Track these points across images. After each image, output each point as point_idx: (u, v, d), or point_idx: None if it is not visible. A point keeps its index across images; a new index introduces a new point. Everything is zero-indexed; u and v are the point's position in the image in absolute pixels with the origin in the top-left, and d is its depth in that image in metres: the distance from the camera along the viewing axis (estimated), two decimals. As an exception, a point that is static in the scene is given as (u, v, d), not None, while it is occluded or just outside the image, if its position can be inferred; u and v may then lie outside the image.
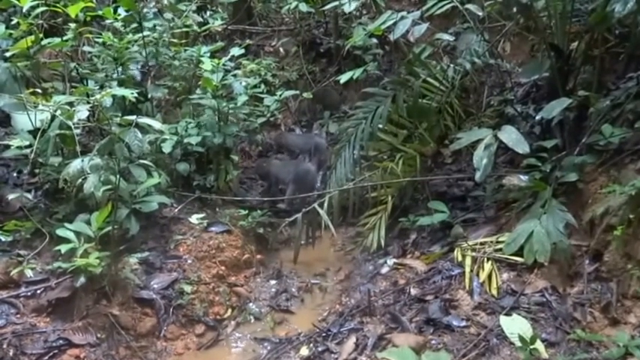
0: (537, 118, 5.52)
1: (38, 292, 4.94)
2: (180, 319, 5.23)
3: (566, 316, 4.41)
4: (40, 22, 5.78)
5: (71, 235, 4.92)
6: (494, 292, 4.72)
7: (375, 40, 8.34)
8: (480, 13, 5.87)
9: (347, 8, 6.84)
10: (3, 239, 5.27)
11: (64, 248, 4.82)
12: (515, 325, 3.77)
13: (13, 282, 4.98)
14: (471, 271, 4.95)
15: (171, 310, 5.21)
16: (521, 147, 4.74)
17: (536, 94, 6.46)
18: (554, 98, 5.20)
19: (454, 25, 7.92)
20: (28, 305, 4.83)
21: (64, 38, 5.92)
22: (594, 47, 5.60)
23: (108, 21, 6.50)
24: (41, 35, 5.70)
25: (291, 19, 10.01)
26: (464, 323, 4.54)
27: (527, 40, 7.48)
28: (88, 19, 6.30)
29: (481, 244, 5.23)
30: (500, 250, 5.03)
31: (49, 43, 5.77)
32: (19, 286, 4.97)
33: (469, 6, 5.77)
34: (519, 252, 4.88)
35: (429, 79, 6.54)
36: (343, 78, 6.83)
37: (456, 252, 5.24)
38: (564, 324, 4.35)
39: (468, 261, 5.03)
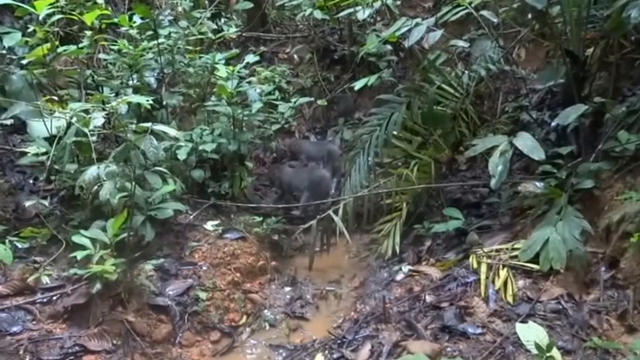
0: (553, 124, 5.48)
1: (54, 298, 4.96)
2: (195, 325, 5.24)
3: (583, 323, 4.38)
4: (56, 29, 5.82)
5: (87, 242, 4.92)
6: (510, 299, 4.70)
7: (389, 47, 8.32)
8: (495, 20, 5.84)
9: (361, 15, 6.85)
10: (19, 246, 5.28)
11: (79, 255, 4.82)
12: (532, 333, 3.74)
13: (29, 288, 5.00)
14: (487, 278, 4.92)
15: (186, 316, 5.22)
16: (537, 154, 4.69)
17: (552, 100, 6.43)
18: (570, 105, 5.17)
19: (469, 31, 7.88)
20: (44, 311, 4.85)
21: (80, 46, 5.96)
22: (610, 53, 5.56)
23: (123, 28, 6.53)
24: (57, 43, 5.74)
25: (306, 26, 10.01)
26: (479, 330, 4.51)
27: (543, 46, 7.44)
28: (104, 26, 6.34)
29: (496, 251, 5.21)
30: (516, 257, 5.01)
31: (64, 50, 5.81)
32: (35, 293, 4.99)
33: (484, 12, 5.75)
34: (535, 259, 4.86)
35: (443, 85, 6.54)
36: (357, 85, 6.84)
37: (471, 259, 5.23)
38: (581, 331, 4.32)
39: (484, 268, 5.01)
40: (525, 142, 4.76)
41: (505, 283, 4.82)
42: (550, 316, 4.50)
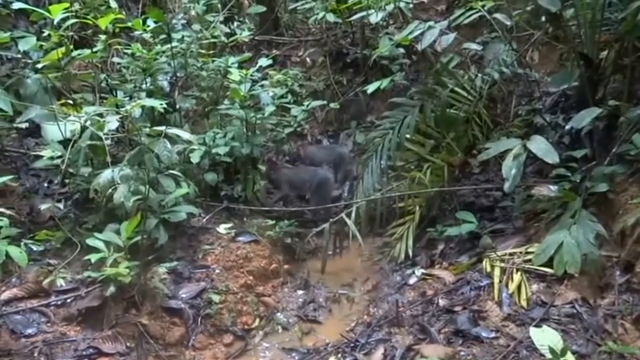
0: (567, 127, 5.48)
1: (68, 301, 5.01)
2: (208, 328, 5.23)
3: (597, 327, 4.35)
4: (71, 34, 5.85)
5: (101, 245, 4.96)
6: (524, 303, 4.67)
7: (402, 50, 8.30)
8: (508, 23, 5.82)
9: (373, 19, 6.85)
10: (34, 248, 5.34)
11: (94, 258, 4.86)
12: (546, 337, 3.73)
13: (44, 291, 5.04)
14: (500, 282, 4.90)
15: (199, 319, 5.22)
16: (551, 157, 4.66)
17: (565, 103, 6.39)
18: (584, 108, 5.14)
19: (482, 34, 7.80)
20: (58, 314, 4.89)
21: (94, 50, 6.00)
22: (624, 56, 5.51)
23: (137, 32, 6.57)
24: (71, 47, 5.77)
25: (318, 30, 10.01)
26: (493, 334, 4.49)
27: (556, 49, 7.39)
28: (118, 30, 6.39)
29: (510, 254, 5.18)
30: (530, 260, 4.98)
31: (79, 54, 5.85)
32: (49, 295, 5.04)
33: (497, 15, 5.74)
34: (549, 263, 4.83)
35: (456, 88, 6.53)
36: (370, 88, 6.81)
37: (484, 263, 5.20)
38: (595, 336, 4.29)
39: (497, 272, 4.99)
40: (539, 145, 4.73)
41: (519, 287, 4.79)
42: (564, 320, 4.47)
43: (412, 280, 5.60)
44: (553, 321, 4.46)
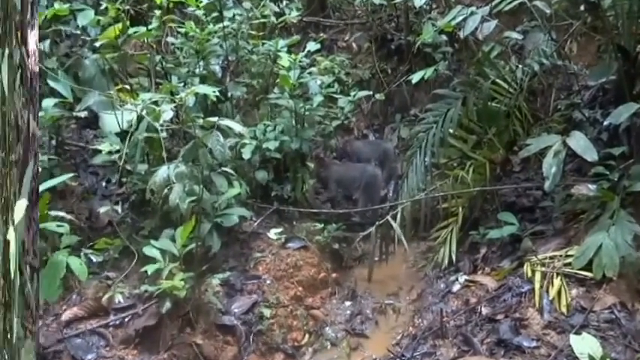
0: (605, 123, 5.45)
1: (126, 320, 5.12)
2: (260, 347, 5.26)
3: (635, 333, 4.41)
4: (127, 7, 5.97)
5: (157, 254, 5.03)
6: (564, 309, 4.72)
7: (444, 37, 8.23)
8: (548, 11, 5.78)
9: (417, 2, 6.82)
10: (93, 259, 5.34)
11: (150, 269, 4.94)
12: (585, 345, 3.84)
13: (103, 309, 5.15)
14: (541, 287, 4.93)
15: (251, 337, 5.26)
16: (590, 154, 4.69)
17: (603, 97, 6.30)
18: (622, 102, 5.10)
19: (521, 22, 7.70)
20: (116, 336, 5.01)
21: (149, 27, 6.08)
22: (662, 49, 5.47)
23: (190, 9, 6.61)
24: (128, 23, 5.89)
25: (364, 12, 9.93)
26: (534, 344, 4.57)
27: (594, 40, 7.31)
28: (171, 6, 6.46)
29: (550, 258, 5.19)
30: (570, 264, 4.99)
31: (135, 32, 5.96)
32: (108, 314, 5.15)
33: (537, 3, 5.72)
34: (588, 266, 4.84)
35: (497, 80, 6.48)
36: (415, 78, 6.83)
37: (525, 267, 5.21)
38: (633, 342, 4.36)
39: (538, 277, 5.01)
40: (579, 142, 4.76)
41: (559, 293, 4.83)
42: (603, 326, 4.53)
43: (456, 288, 5.59)
44: (592, 327, 4.52)
